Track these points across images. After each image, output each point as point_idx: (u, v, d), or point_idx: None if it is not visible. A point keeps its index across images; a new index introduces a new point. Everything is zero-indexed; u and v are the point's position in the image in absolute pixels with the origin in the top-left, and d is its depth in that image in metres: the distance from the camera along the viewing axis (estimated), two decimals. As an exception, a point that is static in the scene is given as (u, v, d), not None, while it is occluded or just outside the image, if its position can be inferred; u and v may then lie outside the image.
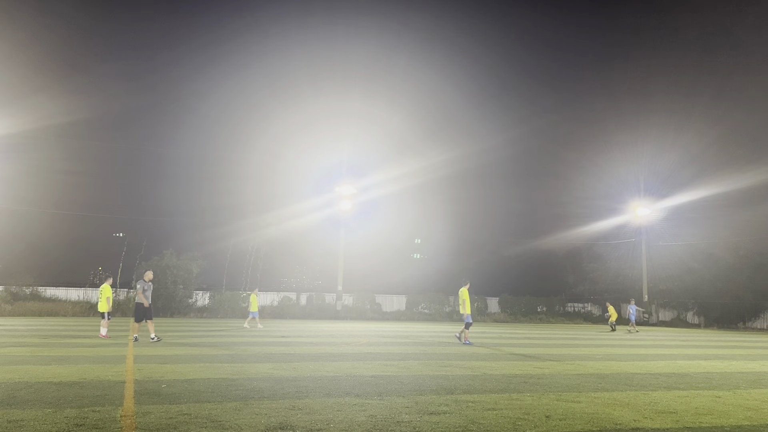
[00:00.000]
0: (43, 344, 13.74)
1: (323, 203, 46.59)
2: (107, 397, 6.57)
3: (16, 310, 35.57)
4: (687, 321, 44.93)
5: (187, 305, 40.34)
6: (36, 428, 4.95)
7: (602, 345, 18.28)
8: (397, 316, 43.35)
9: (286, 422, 5.45)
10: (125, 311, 38.13)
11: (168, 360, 10.65)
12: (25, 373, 8.39)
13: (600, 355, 14.23)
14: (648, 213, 48.46)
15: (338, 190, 44.79)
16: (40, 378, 7.89)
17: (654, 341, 21.44)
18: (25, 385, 7.23)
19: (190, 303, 40.82)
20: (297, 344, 15.27)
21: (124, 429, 5.00)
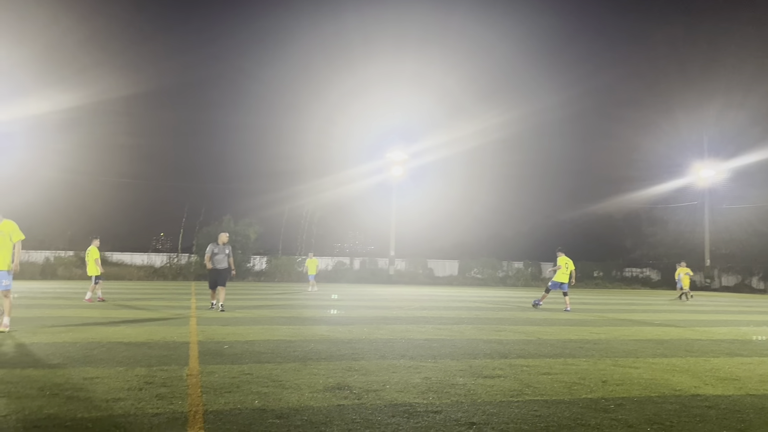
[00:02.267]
0: (112, 306, 14.45)
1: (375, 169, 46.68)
2: (173, 357, 6.89)
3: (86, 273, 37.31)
4: (751, 286, 43.38)
5: (245, 269, 41.48)
6: (110, 385, 5.25)
7: (661, 311, 17.90)
8: (449, 281, 43.46)
9: (343, 383, 5.61)
10: (186, 275, 39.56)
11: (229, 322, 11.05)
12: (97, 333, 8.87)
13: (659, 320, 13.96)
14: (712, 174, 46.50)
15: (389, 156, 44.74)
16: (111, 338, 8.33)
17: (715, 307, 20.84)
18: (98, 345, 7.65)
19: (248, 267, 41.98)
20: (352, 308, 15.55)
21: (190, 387, 5.25)
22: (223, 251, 14.15)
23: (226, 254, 14.15)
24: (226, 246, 14.29)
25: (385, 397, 5.07)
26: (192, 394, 4.99)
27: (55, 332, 8.87)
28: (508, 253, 48.43)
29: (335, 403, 4.79)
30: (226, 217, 42.14)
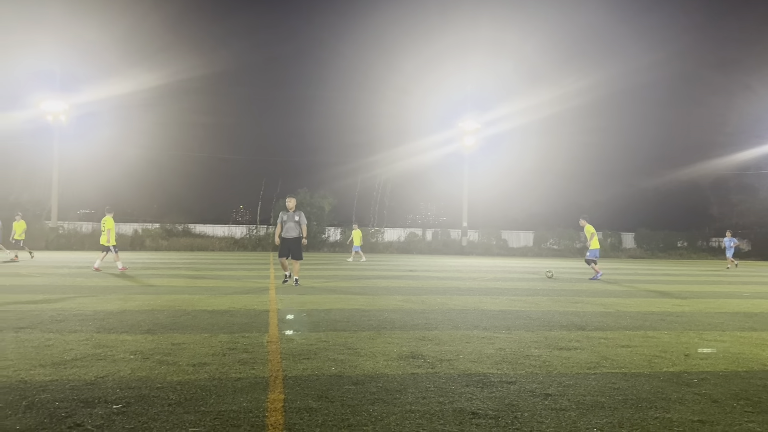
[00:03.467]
0: (195, 276, 15.15)
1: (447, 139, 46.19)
2: (254, 324, 7.18)
3: (171, 245, 39.28)
4: None
5: (320, 240, 42.41)
6: (195, 351, 5.54)
7: (750, 282, 16.99)
8: (523, 252, 42.82)
9: (417, 352, 5.67)
10: (265, 246, 40.83)
11: (306, 291, 11.36)
12: (183, 301, 9.34)
13: (747, 292, 13.27)
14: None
15: (462, 125, 44.14)
16: (196, 306, 8.75)
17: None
18: (184, 313, 8.06)
19: (323, 238, 42.89)
20: (424, 278, 15.63)
21: (270, 353, 5.46)
22: (293, 218, 12.74)
23: (295, 221, 12.76)
24: (295, 213, 12.85)
25: (459, 366, 5.10)
26: (272, 360, 5.19)
27: (146, 300, 9.40)
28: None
29: (409, 372, 4.86)
30: (302, 189, 43.04)
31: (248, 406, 3.81)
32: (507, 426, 3.57)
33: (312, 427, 3.47)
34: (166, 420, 3.52)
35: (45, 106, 38.67)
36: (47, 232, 37.46)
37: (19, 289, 10.74)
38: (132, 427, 3.39)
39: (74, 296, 9.77)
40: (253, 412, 3.71)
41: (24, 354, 5.22)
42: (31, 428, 3.33)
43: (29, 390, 4.07)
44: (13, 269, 16.45)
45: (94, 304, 8.74)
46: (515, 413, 3.82)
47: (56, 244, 36.29)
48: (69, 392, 4.04)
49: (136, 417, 3.55)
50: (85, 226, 40.94)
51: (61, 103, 38.80)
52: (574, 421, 3.70)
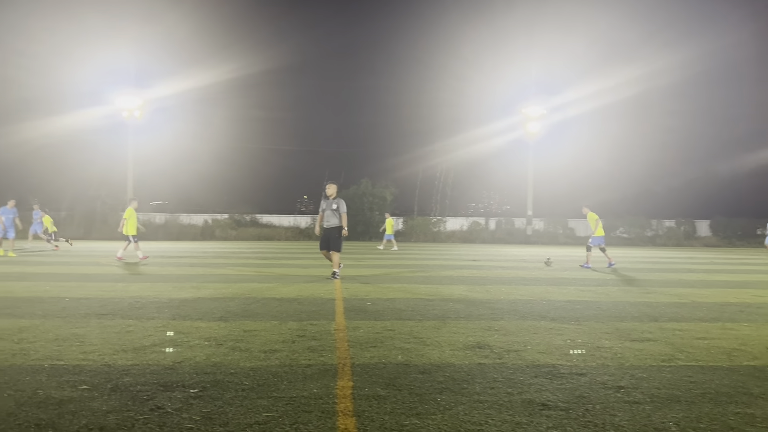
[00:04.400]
0: (264, 265, 15.55)
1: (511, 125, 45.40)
2: (321, 312, 7.31)
3: (239, 235, 40.45)
4: None
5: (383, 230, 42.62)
6: (266, 338, 5.70)
7: (840, 273, 15.96)
8: (591, 240, 41.70)
9: (483, 342, 5.64)
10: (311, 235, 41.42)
11: (370, 280, 11.47)
12: (253, 289, 9.61)
13: (837, 284, 12.48)
14: None
15: (526, 111, 43.27)
16: (266, 294, 8.99)
17: None
18: (254, 300, 8.30)
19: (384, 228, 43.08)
20: (488, 268, 15.49)
21: (338, 341, 5.56)
22: (330, 206, 11.88)
23: (333, 210, 11.86)
24: (334, 200, 11.95)
25: (527, 357, 5.04)
26: (340, 347, 5.28)
27: (218, 288, 9.73)
28: (658, 211, 45.39)
29: (476, 362, 4.84)
30: (364, 180, 43.37)
31: (318, 393, 3.90)
32: (578, 418, 3.51)
33: (381, 414, 3.52)
34: (240, 405, 3.64)
35: (120, 102, 40.40)
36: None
37: (100, 278, 11.32)
38: (208, 410, 3.53)
39: (150, 284, 10.22)
40: (323, 398, 3.79)
41: (107, 339, 5.51)
42: (116, 410, 3.51)
43: (113, 373, 4.30)
44: (93, 259, 17.35)
45: (169, 292, 9.11)
46: (586, 405, 3.75)
47: (132, 234, 37.87)
48: (149, 376, 4.24)
49: (212, 401, 3.70)
50: (159, 217, 42.65)
51: (136, 99, 40.42)
52: (649, 414, 3.60)
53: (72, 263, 15.29)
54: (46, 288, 9.45)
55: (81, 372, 4.31)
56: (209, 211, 45.86)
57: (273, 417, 3.43)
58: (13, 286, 9.74)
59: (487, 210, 63.80)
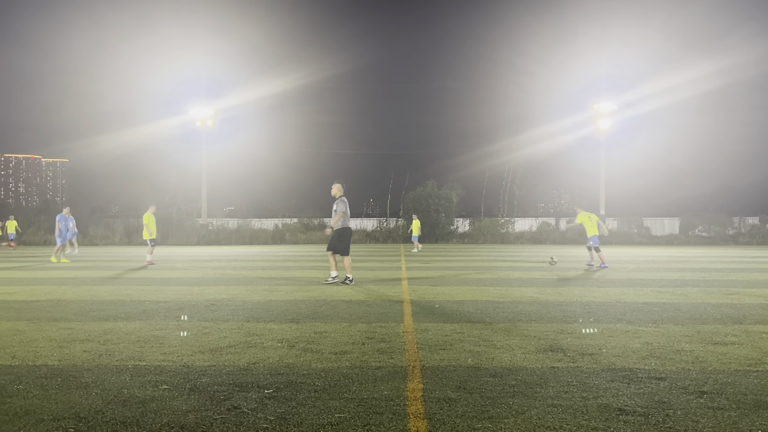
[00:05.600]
0: (332, 268, 15.74)
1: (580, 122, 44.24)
2: (390, 314, 7.34)
3: (308, 238, 41.12)
4: None
5: (449, 232, 42.41)
6: (336, 339, 5.77)
7: None
8: (668, 240, 40.04)
9: (556, 345, 5.51)
10: (395, 238, 41.54)
11: (438, 282, 11.42)
12: (322, 292, 9.76)
13: None
14: None
15: (596, 107, 42.02)
16: (335, 297, 9.11)
17: None
18: (324, 303, 8.42)
19: (451, 230, 42.85)
20: (559, 269, 15.12)
21: (407, 343, 5.56)
22: (339, 208, 11.20)
23: (333, 210, 11.26)
24: (336, 201, 11.32)
25: (602, 361, 4.89)
26: (409, 349, 5.28)
27: (288, 291, 9.94)
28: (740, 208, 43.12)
29: (549, 365, 4.73)
30: (430, 181, 43.27)
31: (389, 395, 3.91)
32: (658, 424, 3.37)
33: (452, 417, 3.49)
34: (312, 405, 3.70)
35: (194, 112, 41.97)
36: (198, 229, 40.67)
37: (177, 282, 11.78)
38: (282, 411, 3.60)
39: (225, 287, 10.55)
40: (394, 400, 3.80)
41: (185, 341, 5.72)
42: (195, 409, 3.64)
43: (191, 374, 4.46)
44: (170, 264, 18.07)
45: (243, 295, 9.38)
46: (666, 411, 3.59)
47: (206, 239, 39.29)
48: (225, 377, 4.38)
49: (285, 402, 3.77)
50: (231, 222, 44.00)
51: (208, 109, 41.90)
52: (735, 421, 3.42)
53: (151, 268, 15.98)
54: (128, 292, 9.92)
55: (162, 372, 4.50)
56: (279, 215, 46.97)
57: (345, 418, 3.47)
58: (98, 290, 10.27)
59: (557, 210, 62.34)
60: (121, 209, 26.32)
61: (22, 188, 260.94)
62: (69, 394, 3.92)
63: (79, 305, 8.20)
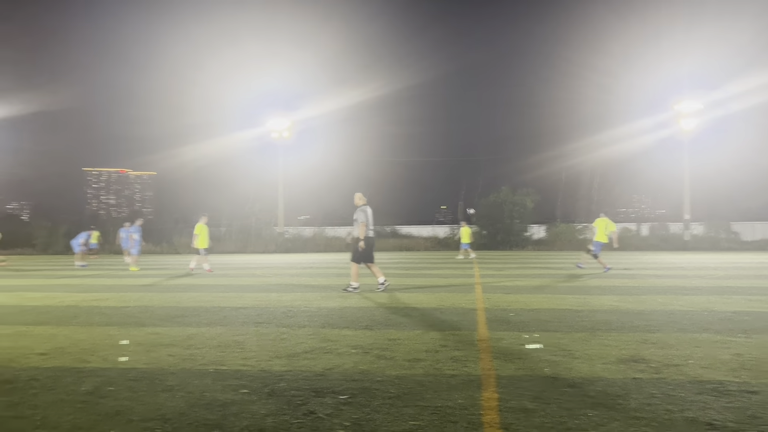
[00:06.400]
0: (405, 275, 15.80)
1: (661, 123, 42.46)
2: (463, 322, 7.27)
3: (380, 246, 41.38)
4: None
5: (523, 238, 41.64)
6: (410, 347, 5.77)
7: None
8: (760, 245, 37.71)
9: (639, 355, 5.29)
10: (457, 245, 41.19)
11: (512, 290, 11.23)
12: (395, 299, 9.80)
13: None
14: None
15: (678, 107, 40.22)
16: (407, 304, 9.12)
17: None
18: (397, 310, 8.45)
19: (526, 236, 42.05)
20: (641, 276, 14.54)
21: (481, 351, 5.50)
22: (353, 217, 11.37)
23: (354, 219, 11.38)
24: (356, 210, 11.47)
25: (688, 372, 4.65)
26: (483, 358, 5.21)
27: (361, 298, 10.04)
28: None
29: (631, 376, 4.55)
30: (504, 187, 42.69)
31: (464, 403, 3.88)
32: (752, 442, 3.18)
33: (529, 428, 3.42)
34: (387, 412, 3.72)
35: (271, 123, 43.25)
36: (275, 237, 41.81)
37: (255, 289, 12.13)
38: (358, 417, 3.64)
39: (301, 294, 10.78)
40: (468, 409, 3.76)
41: (263, 346, 5.88)
42: (273, 413, 3.74)
43: (269, 378, 4.58)
44: (249, 271, 18.63)
45: (318, 301, 9.55)
46: (760, 426, 3.38)
47: (283, 247, 40.29)
48: (302, 382, 4.47)
49: (360, 408, 3.81)
50: (306, 230, 44.95)
51: (285, 121, 43.07)
52: (840, 441, 3.17)
53: (231, 275, 16.54)
54: (209, 298, 10.30)
55: (241, 377, 4.64)
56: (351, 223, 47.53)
57: (420, 426, 3.46)
58: (181, 296, 10.72)
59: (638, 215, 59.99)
60: (202, 219, 27.45)
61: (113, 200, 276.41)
62: (155, 396, 4.11)
63: (164, 311, 8.59)
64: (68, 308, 9.08)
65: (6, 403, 3.94)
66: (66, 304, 9.59)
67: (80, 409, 3.82)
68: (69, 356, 5.46)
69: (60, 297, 10.81)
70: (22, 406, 3.89)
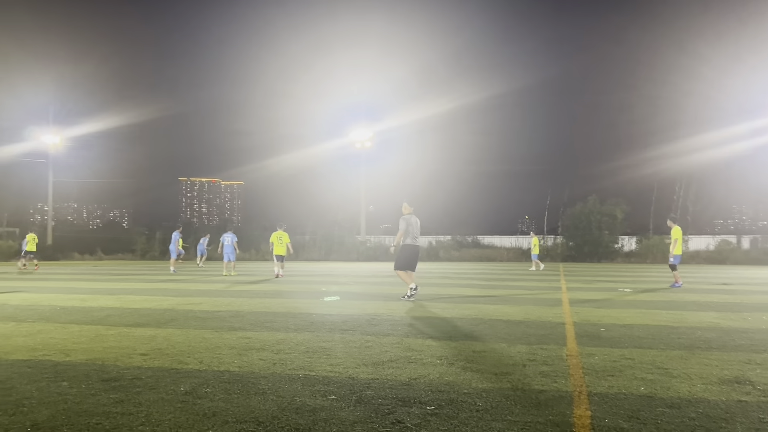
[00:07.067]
0: (488, 286, 15.57)
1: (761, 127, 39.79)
2: (551, 336, 7.08)
3: (462, 256, 41.10)
4: None
5: (613, 250, 40.12)
6: (496, 359, 5.68)
7: None
8: None
9: (743, 376, 4.96)
10: (554, 257, 40.06)
11: (602, 304, 10.83)
12: (479, 310, 9.68)
13: None
14: None
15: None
16: (492, 316, 8.99)
17: None
18: (481, 321, 8.34)
19: (615, 248, 40.49)
20: (743, 292, 13.64)
21: (571, 368, 5.33)
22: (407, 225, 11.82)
23: (414, 227, 11.87)
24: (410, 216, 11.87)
25: (802, 398, 4.32)
26: (574, 374, 5.05)
27: (445, 308, 9.98)
28: None
29: (735, 398, 4.28)
30: (591, 197, 41.37)
31: (554, 420, 3.77)
32: None
33: (624, 449, 3.28)
34: (475, 425, 3.67)
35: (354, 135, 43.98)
36: (357, 245, 42.37)
37: (340, 296, 12.32)
38: (445, 429, 3.61)
39: (384, 302, 10.85)
40: (559, 426, 3.65)
41: (349, 353, 5.96)
42: (361, 420, 3.77)
43: (357, 386, 4.63)
44: (333, 279, 18.97)
45: (401, 310, 9.57)
46: None
47: (365, 255, 40.75)
48: (388, 390, 4.49)
49: (447, 420, 3.78)
50: (388, 239, 45.25)
51: (367, 131, 43.69)
52: None
53: (315, 282, 16.90)
54: (296, 305, 10.56)
55: (329, 383, 4.72)
56: (433, 233, 47.45)
57: (508, 441, 3.40)
58: (269, 302, 11.05)
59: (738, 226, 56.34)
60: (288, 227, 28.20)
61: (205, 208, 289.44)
62: (248, 399, 4.25)
63: (254, 316, 8.89)
64: (165, 311, 9.57)
65: (114, 400, 4.20)
66: (163, 308, 10.11)
67: (180, 408, 4.01)
68: (167, 357, 5.75)
69: (158, 300, 11.42)
70: (128, 403, 4.13)
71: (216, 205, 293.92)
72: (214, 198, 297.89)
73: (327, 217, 44.86)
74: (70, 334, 7.21)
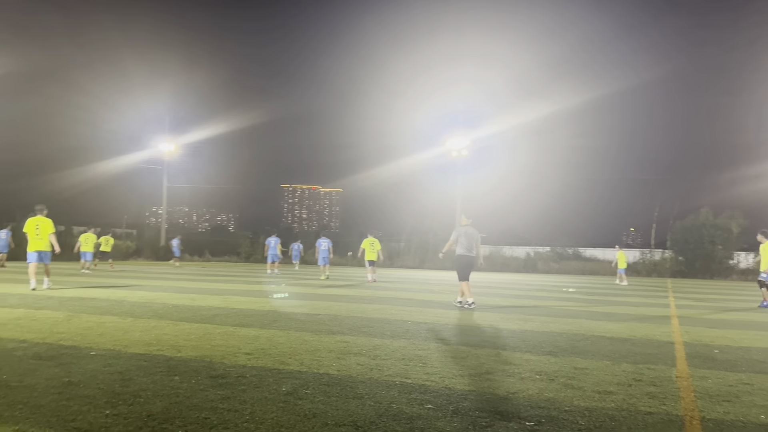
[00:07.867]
0: (589, 300, 15.00)
1: None
2: (659, 356, 6.71)
3: (561, 268, 39.85)
4: None
5: (727, 267, 37.49)
6: (599, 377, 5.45)
7: None
8: None
9: None
10: (661, 272, 37.96)
11: (715, 324, 10.14)
12: (580, 326, 9.34)
13: None
14: None
15: None
16: (594, 332, 8.64)
17: None
18: (583, 337, 8.04)
19: (730, 264, 37.80)
20: None
21: (682, 390, 5.02)
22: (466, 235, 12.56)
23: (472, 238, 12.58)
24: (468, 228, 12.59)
25: None
26: (684, 397, 4.76)
27: (544, 322, 9.71)
28: None
29: None
30: (703, 209, 38.93)
31: (663, 445, 3.57)
32: None
33: (743, 482, 3.05)
34: (577, 444, 3.54)
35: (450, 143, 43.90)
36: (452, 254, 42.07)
37: (435, 305, 12.30)
38: (545, 445, 3.51)
39: (479, 314, 10.70)
40: (669, 452, 3.45)
41: (445, 363, 5.94)
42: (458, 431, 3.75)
43: (453, 396, 4.60)
44: (428, 287, 18.94)
45: (497, 322, 9.42)
46: None
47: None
48: (485, 403, 4.42)
49: (548, 436, 3.68)
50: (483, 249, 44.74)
51: (463, 140, 43.47)
52: None
53: (411, 290, 16.97)
54: (392, 311, 10.65)
55: (426, 391, 4.72)
56: (531, 243, 46.33)
57: (613, 464, 3.25)
58: (366, 307, 11.22)
59: None
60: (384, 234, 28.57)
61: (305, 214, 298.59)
62: (347, 402, 4.33)
63: (351, 321, 9.05)
64: (268, 313, 9.94)
65: (221, 396, 4.42)
66: (266, 309, 10.52)
67: (282, 408, 4.15)
68: (270, 357, 5.97)
69: (261, 302, 11.89)
70: (233, 400, 4.33)
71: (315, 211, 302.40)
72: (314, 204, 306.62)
73: (422, 225, 44.98)
74: (181, 331, 7.66)
